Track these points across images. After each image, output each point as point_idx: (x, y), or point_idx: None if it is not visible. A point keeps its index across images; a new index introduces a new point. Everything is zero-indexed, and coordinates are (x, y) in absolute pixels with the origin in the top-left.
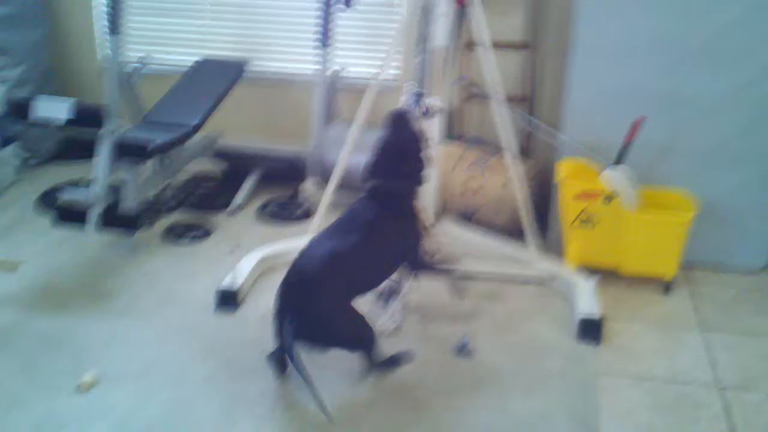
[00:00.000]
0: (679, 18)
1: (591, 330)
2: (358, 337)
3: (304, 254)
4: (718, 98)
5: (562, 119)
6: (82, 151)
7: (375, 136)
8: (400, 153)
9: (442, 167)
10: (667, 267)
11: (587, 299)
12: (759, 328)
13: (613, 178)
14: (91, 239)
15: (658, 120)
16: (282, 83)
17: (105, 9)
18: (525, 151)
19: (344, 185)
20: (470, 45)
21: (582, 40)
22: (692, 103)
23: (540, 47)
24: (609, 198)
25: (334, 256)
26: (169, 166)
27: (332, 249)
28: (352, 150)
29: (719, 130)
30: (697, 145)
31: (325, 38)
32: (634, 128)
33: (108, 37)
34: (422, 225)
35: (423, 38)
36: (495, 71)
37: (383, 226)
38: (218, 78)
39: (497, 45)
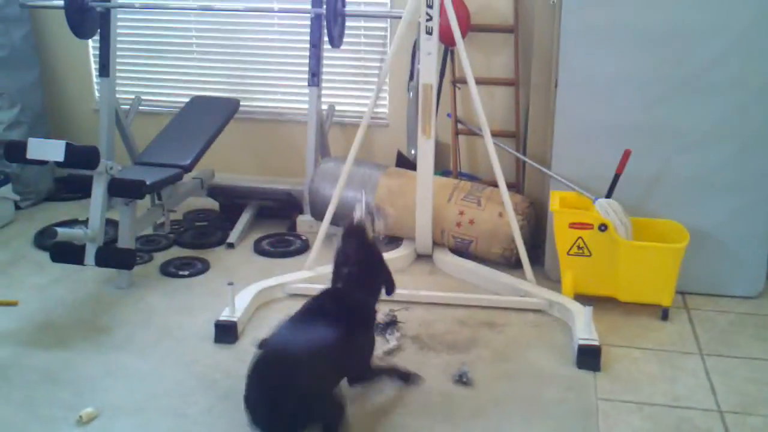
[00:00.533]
0: (662, 52)
1: (590, 357)
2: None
3: (276, 348)
4: (704, 129)
5: (551, 153)
6: (77, 191)
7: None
8: (359, 264)
9: (437, 199)
10: (663, 294)
11: (585, 326)
12: (756, 353)
13: (606, 208)
14: (89, 275)
15: (646, 152)
16: (274, 121)
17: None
18: (517, 184)
19: (338, 219)
20: (458, 82)
21: (566, 76)
22: (679, 135)
23: (527, 84)
24: (603, 227)
25: (312, 352)
26: (165, 202)
27: (307, 345)
28: (345, 185)
29: (707, 160)
30: (686, 176)
31: (314, 77)
32: (623, 160)
33: (99, 79)
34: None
35: (413, 75)
36: (481, 107)
37: (349, 329)
38: (210, 116)
39: (486, 82)
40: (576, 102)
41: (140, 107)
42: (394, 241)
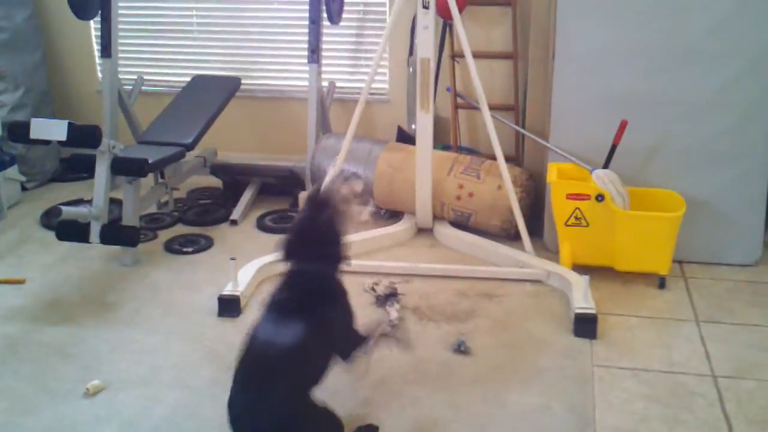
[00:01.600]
0: (659, 22)
1: (586, 325)
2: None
3: (254, 350)
4: (701, 99)
5: (549, 126)
6: (82, 170)
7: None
8: (318, 234)
9: (436, 173)
10: (661, 263)
11: (582, 295)
12: (752, 319)
13: (603, 179)
14: (95, 253)
15: (644, 123)
16: (275, 99)
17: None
18: (516, 157)
19: None
20: (456, 56)
21: (562, 48)
22: (676, 104)
23: (525, 57)
24: (601, 197)
25: (290, 350)
26: (168, 181)
27: (285, 344)
28: (345, 160)
29: (704, 130)
30: (683, 146)
31: (314, 54)
32: (620, 131)
33: (101, 60)
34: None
35: (413, 50)
36: (479, 81)
37: (316, 313)
38: (212, 95)
39: (484, 55)
40: (573, 74)
41: (144, 87)
42: (396, 215)
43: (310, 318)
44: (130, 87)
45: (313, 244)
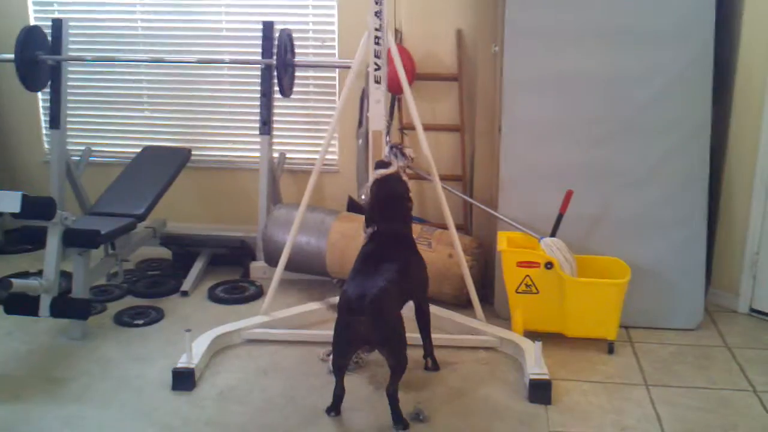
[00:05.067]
0: (601, 96)
1: (541, 391)
2: (403, 356)
3: (357, 287)
4: (642, 169)
5: (497, 195)
6: (28, 243)
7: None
8: (391, 203)
9: None
10: (609, 329)
11: (535, 361)
12: (698, 382)
13: (551, 247)
14: (42, 326)
15: (588, 192)
16: (226, 169)
17: (47, 103)
18: (465, 226)
19: (293, 265)
20: (405, 128)
21: (509, 121)
22: (618, 174)
23: (471, 129)
24: (549, 265)
25: (390, 281)
26: (118, 252)
27: (381, 283)
28: (298, 231)
29: (645, 198)
30: (626, 214)
31: (265, 125)
32: (566, 201)
33: (49, 131)
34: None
35: (362, 122)
36: (429, 152)
37: (405, 258)
38: (162, 166)
39: (432, 128)
40: (519, 145)
41: (91, 158)
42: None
43: (397, 263)
44: (77, 158)
45: (388, 211)
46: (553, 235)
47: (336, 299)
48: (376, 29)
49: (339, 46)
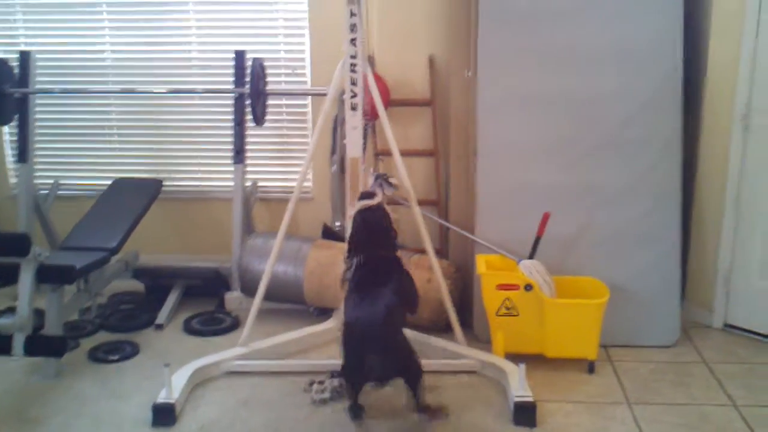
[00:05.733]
0: (575, 115)
1: (526, 413)
2: (417, 366)
3: (363, 312)
4: (615, 188)
5: (474, 219)
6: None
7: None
8: (376, 233)
9: None
10: (589, 348)
11: (519, 384)
12: (678, 398)
13: (529, 269)
14: (14, 365)
15: (564, 213)
16: (197, 199)
17: (13, 137)
18: (441, 250)
19: (271, 294)
20: (381, 154)
21: (484, 144)
22: (593, 193)
23: (445, 153)
24: (529, 287)
25: (389, 306)
26: (91, 287)
27: (385, 304)
28: (276, 260)
29: (620, 216)
30: (602, 233)
31: (239, 154)
32: (543, 223)
33: (16, 165)
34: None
35: (335, 149)
36: (406, 177)
37: (397, 279)
38: (134, 198)
39: (406, 153)
40: (495, 168)
41: (60, 191)
42: (324, 312)
43: (391, 285)
44: (45, 192)
45: (373, 240)
46: (531, 257)
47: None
48: (352, 57)
49: (311, 74)
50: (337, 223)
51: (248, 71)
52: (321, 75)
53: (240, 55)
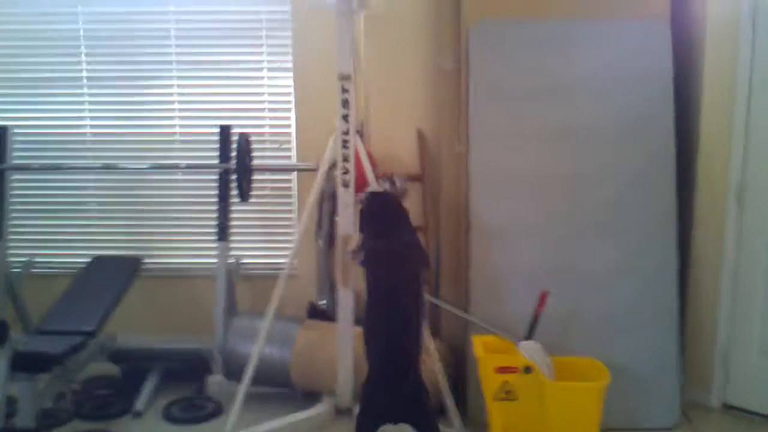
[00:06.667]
0: (565, 196)
1: None
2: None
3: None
4: (609, 268)
5: (469, 299)
6: None
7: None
8: (390, 216)
9: (359, 349)
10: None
11: None
12: None
13: (528, 350)
14: None
15: (558, 292)
16: (177, 277)
17: None
18: (433, 329)
19: (255, 378)
20: None
21: (477, 221)
22: (586, 274)
23: (435, 229)
24: (528, 369)
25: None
26: (67, 373)
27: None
28: (264, 341)
29: (615, 296)
30: (597, 313)
31: (223, 231)
32: (541, 302)
33: None
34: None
35: (321, 224)
36: None
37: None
38: (113, 277)
39: None
40: (489, 246)
41: (35, 269)
42: (311, 395)
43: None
44: (18, 270)
45: (382, 219)
46: (529, 337)
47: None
48: (344, 132)
49: (297, 149)
50: (323, 301)
51: (234, 146)
52: (306, 149)
53: (225, 130)
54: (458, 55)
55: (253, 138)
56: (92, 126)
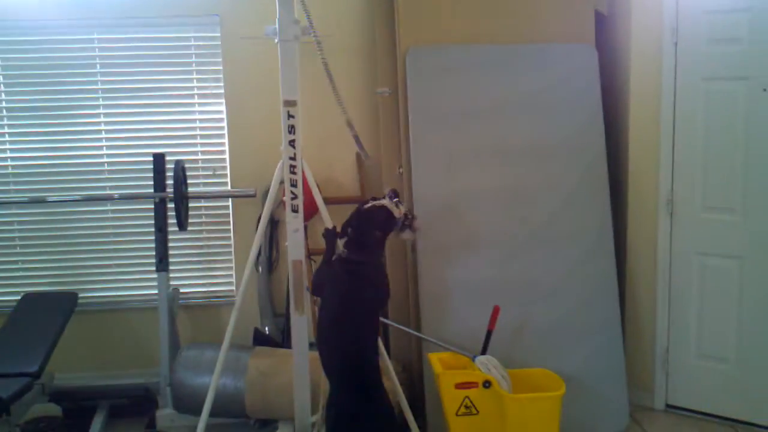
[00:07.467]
0: (508, 213)
1: None
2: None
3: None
4: (552, 280)
5: (418, 317)
6: None
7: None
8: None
9: (314, 375)
10: None
11: None
12: None
13: (485, 365)
14: None
15: (506, 306)
16: (114, 311)
17: None
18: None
19: (217, 409)
20: (312, 254)
21: (423, 241)
22: (533, 285)
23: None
24: (488, 383)
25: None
26: (12, 417)
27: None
28: (219, 374)
29: (561, 308)
30: (544, 325)
31: (162, 261)
32: (493, 317)
33: None
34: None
35: (260, 250)
36: None
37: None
38: (49, 314)
39: None
40: (436, 265)
41: None
42: (266, 424)
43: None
44: None
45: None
46: (483, 352)
47: None
48: (291, 158)
49: (231, 175)
50: (266, 328)
51: (170, 174)
52: (241, 176)
53: (159, 159)
54: (396, 80)
55: (185, 165)
56: (13, 159)
